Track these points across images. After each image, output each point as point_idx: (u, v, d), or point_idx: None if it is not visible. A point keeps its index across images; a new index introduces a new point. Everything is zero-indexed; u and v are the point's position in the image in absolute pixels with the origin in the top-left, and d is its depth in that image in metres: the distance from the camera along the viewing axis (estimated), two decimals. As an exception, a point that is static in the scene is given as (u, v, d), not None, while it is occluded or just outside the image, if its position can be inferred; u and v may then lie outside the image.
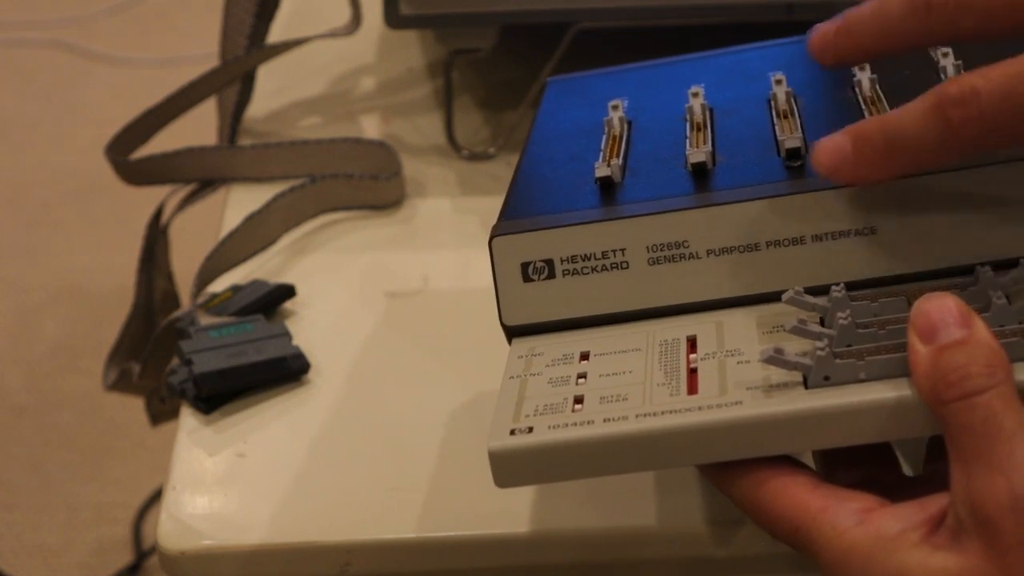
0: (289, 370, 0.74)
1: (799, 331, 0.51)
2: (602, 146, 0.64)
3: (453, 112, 0.96)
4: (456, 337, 0.78)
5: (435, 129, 0.97)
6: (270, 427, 0.72)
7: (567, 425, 0.51)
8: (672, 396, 0.51)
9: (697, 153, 0.59)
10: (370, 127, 0.99)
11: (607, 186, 0.60)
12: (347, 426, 0.72)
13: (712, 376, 0.52)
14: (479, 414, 0.73)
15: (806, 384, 0.50)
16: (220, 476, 0.70)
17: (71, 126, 2.52)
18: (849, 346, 0.50)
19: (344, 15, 1.01)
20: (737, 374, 0.52)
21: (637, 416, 0.51)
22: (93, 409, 1.88)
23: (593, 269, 0.57)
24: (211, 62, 0.99)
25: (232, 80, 0.97)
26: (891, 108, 0.59)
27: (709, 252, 0.56)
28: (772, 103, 0.64)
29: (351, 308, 0.81)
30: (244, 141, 0.97)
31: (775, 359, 0.50)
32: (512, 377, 0.56)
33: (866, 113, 0.61)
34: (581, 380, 0.54)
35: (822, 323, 0.53)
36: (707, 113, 0.65)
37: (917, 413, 0.49)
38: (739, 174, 0.59)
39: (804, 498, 0.49)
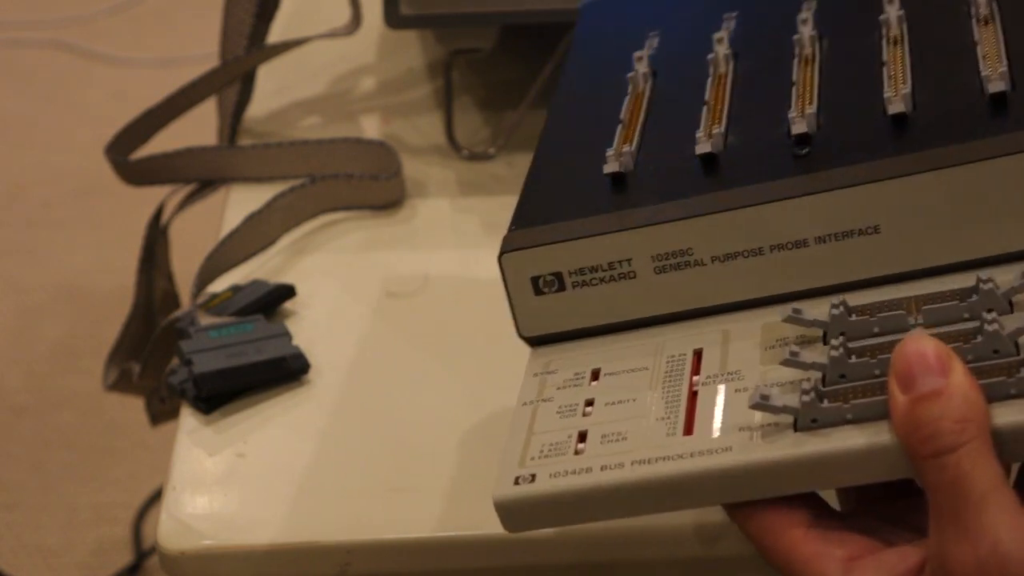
0: (289, 370, 0.74)
1: (791, 363, 0.51)
2: (621, 115, 0.64)
3: (453, 112, 0.96)
4: (456, 337, 0.78)
5: (435, 129, 0.97)
6: (270, 427, 0.72)
7: (567, 473, 0.52)
8: (669, 436, 0.52)
9: (705, 143, 0.59)
10: (370, 127, 0.99)
11: (617, 180, 0.60)
12: (347, 426, 0.72)
13: (709, 410, 0.52)
14: (479, 414, 0.73)
15: (796, 425, 0.50)
16: (220, 476, 0.70)
17: (71, 126, 2.52)
18: (843, 376, 0.51)
19: (344, 15, 1.01)
20: (733, 408, 0.52)
21: (632, 463, 0.51)
22: (93, 409, 1.88)
23: (601, 280, 0.58)
24: (211, 62, 0.99)
25: (232, 80, 0.97)
26: (913, 53, 0.59)
27: (714, 259, 0.56)
28: (796, 51, 0.63)
29: (351, 308, 0.81)
30: (244, 141, 0.97)
31: (762, 405, 0.50)
32: (525, 404, 0.57)
33: (886, 54, 0.60)
34: (588, 408, 0.55)
35: (825, 338, 0.53)
36: (728, 67, 0.64)
37: (902, 457, 0.49)
38: (745, 164, 0.58)
39: (796, 541, 0.50)
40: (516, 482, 0.53)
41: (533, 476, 0.52)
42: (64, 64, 2.75)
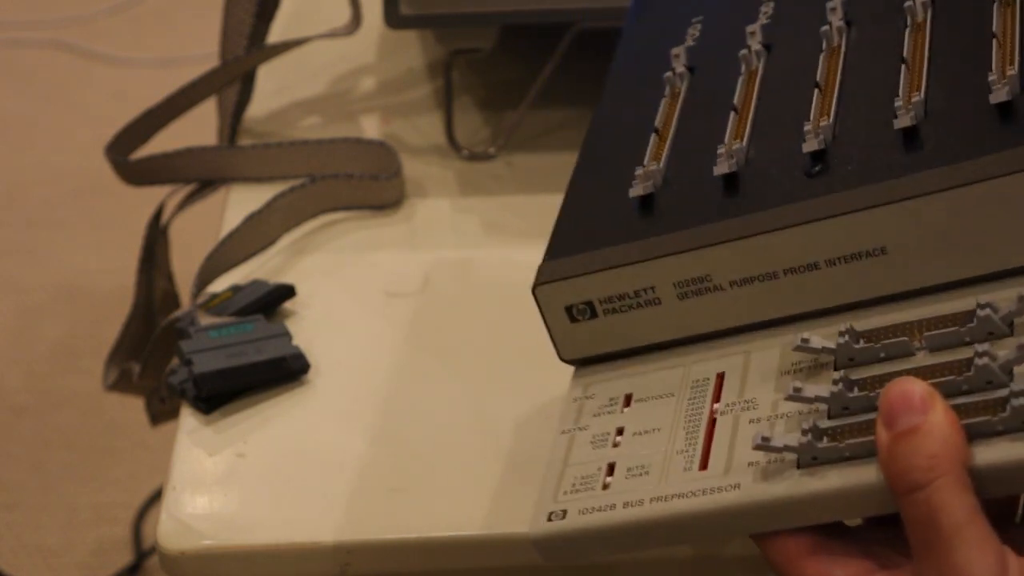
0: (289, 370, 0.74)
1: (795, 399, 0.53)
2: (656, 121, 0.66)
3: (453, 112, 0.96)
4: (456, 337, 0.78)
5: (435, 129, 0.97)
6: (270, 427, 0.72)
7: (593, 510, 0.55)
8: (686, 471, 0.55)
9: (724, 163, 0.61)
10: (370, 127, 0.99)
11: (644, 202, 0.63)
12: (347, 426, 0.72)
13: (724, 442, 0.55)
14: (479, 414, 0.73)
15: (798, 462, 0.53)
16: (220, 476, 0.70)
17: (71, 126, 2.52)
18: (845, 408, 0.53)
19: (344, 15, 1.01)
20: (745, 441, 0.55)
21: (651, 501, 0.55)
22: (93, 409, 1.88)
23: (629, 307, 0.60)
24: (211, 62, 0.99)
25: (232, 80, 0.97)
26: (933, 45, 0.60)
27: (732, 283, 0.59)
28: (823, 44, 0.64)
29: (351, 308, 0.81)
30: (244, 141, 0.97)
31: (763, 447, 0.53)
32: (564, 432, 0.60)
33: (906, 45, 0.61)
34: (618, 438, 0.58)
35: (836, 365, 0.55)
36: (760, 64, 0.66)
37: (889, 494, 0.51)
38: (761, 184, 0.60)
39: (801, 563, 0.52)
40: (550, 518, 0.56)
41: (564, 512, 0.56)
42: (64, 64, 2.75)
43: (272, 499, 0.68)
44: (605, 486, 0.56)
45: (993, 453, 0.49)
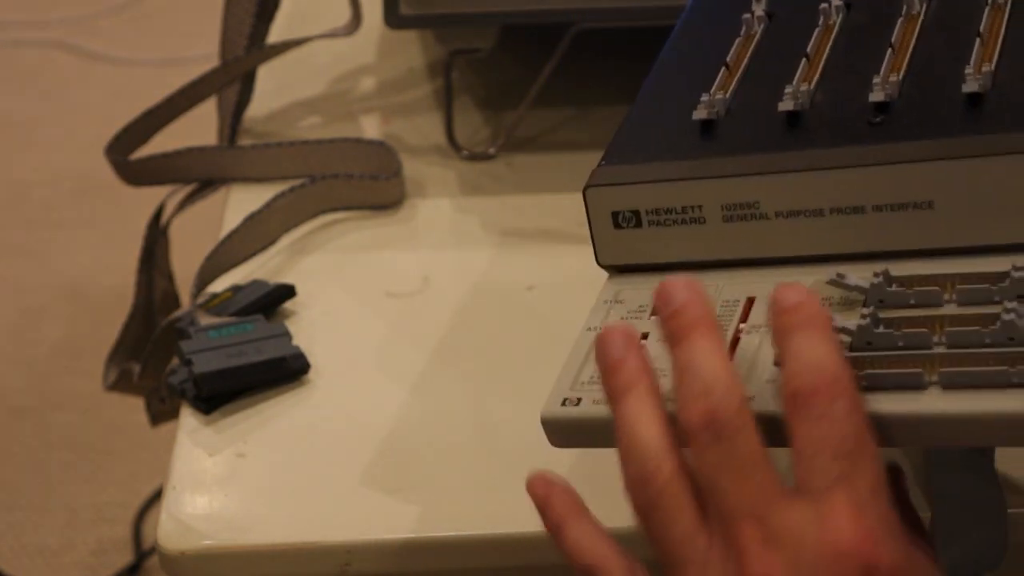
0: (289, 370, 0.74)
1: None
2: (728, 57, 0.67)
3: (453, 112, 0.96)
4: (456, 337, 0.78)
5: (435, 129, 0.97)
6: (270, 427, 0.72)
7: (603, 403, 0.56)
8: None
9: (789, 101, 0.62)
10: (370, 127, 0.99)
11: (705, 127, 0.64)
12: (347, 426, 0.72)
13: (746, 358, 0.56)
14: (479, 414, 0.73)
15: None
16: (220, 476, 0.70)
17: (71, 126, 2.52)
18: (868, 343, 0.54)
19: (344, 15, 1.01)
20: (766, 361, 0.56)
21: (666, 401, 0.54)
22: (93, 409, 1.88)
23: (674, 222, 0.62)
24: (211, 62, 0.99)
25: (232, 80, 0.97)
26: (1011, 23, 0.62)
27: (777, 214, 0.60)
28: (903, 9, 0.66)
29: (351, 308, 0.81)
30: (244, 141, 0.97)
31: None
32: (590, 329, 0.61)
33: (984, 22, 0.62)
34: (643, 342, 0.58)
35: (865, 303, 0.56)
36: (838, 19, 0.67)
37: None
38: (823, 125, 0.61)
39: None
40: (563, 403, 0.58)
41: (579, 400, 0.58)
42: (64, 64, 2.75)
43: (272, 499, 0.68)
44: None
45: (1008, 403, 0.50)
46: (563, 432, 0.58)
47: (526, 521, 0.65)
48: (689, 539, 0.50)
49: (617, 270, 0.64)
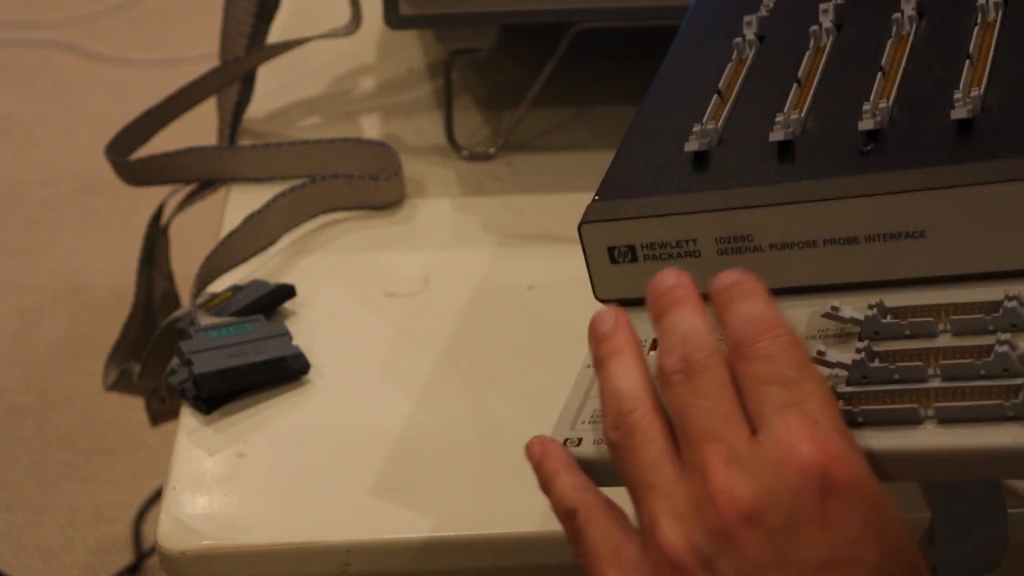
0: (289, 370, 0.74)
1: (819, 361, 0.55)
2: (720, 83, 0.67)
3: (453, 112, 0.96)
4: (456, 337, 0.78)
5: (435, 129, 0.97)
6: (270, 427, 0.72)
7: (603, 443, 0.57)
8: None
9: (780, 130, 0.62)
10: (370, 127, 0.99)
11: (698, 158, 0.64)
12: (347, 426, 0.72)
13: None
14: (479, 414, 0.73)
15: None
16: (220, 476, 0.70)
17: (71, 126, 2.52)
18: (864, 377, 0.54)
19: (344, 15, 1.01)
20: None
21: None
22: (93, 409, 1.88)
23: (670, 255, 0.62)
24: (211, 62, 0.99)
25: (232, 80, 0.97)
26: (1000, 44, 0.62)
27: (771, 246, 0.60)
28: (893, 30, 0.66)
29: (351, 308, 0.81)
30: (244, 141, 0.97)
31: None
32: (588, 366, 0.61)
33: (973, 42, 0.62)
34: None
35: (860, 335, 0.56)
36: (828, 41, 0.67)
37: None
38: (814, 155, 0.61)
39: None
40: (564, 443, 0.58)
41: (580, 440, 0.58)
42: (64, 64, 2.75)
43: (272, 499, 0.68)
44: None
45: (1003, 437, 0.50)
46: None
47: (526, 521, 0.65)
48: (658, 466, 0.52)
49: (615, 304, 0.64)
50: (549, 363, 0.63)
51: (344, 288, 0.83)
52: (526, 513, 0.66)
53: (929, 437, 0.51)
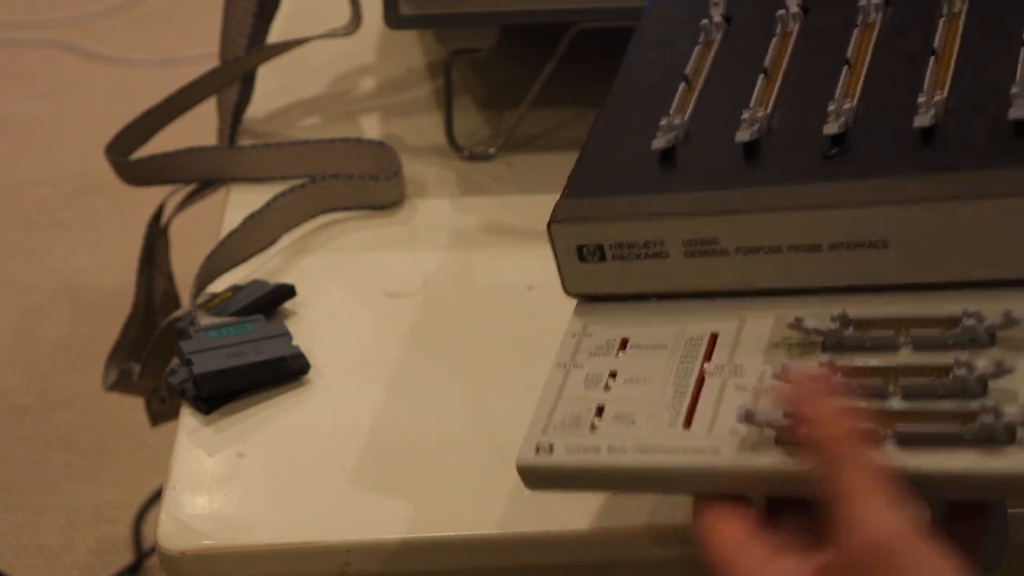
0: (289, 370, 0.74)
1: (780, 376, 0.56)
2: (687, 69, 0.67)
3: (453, 112, 0.96)
4: (455, 337, 0.78)
5: (435, 129, 0.97)
6: (270, 427, 0.72)
7: (580, 450, 0.59)
8: (670, 427, 0.58)
9: (745, 130, 0.63)
10: (370, 127, 0.99)
11: (665, 156, 0.64)
12: (347, 426, 0.72)
13: (709, 404, 0.58)
14: (478, 413, 0.73)
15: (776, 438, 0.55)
16: (220, 476, 0.70)
17: (71, 126, 2.52)
18: None
19: (344, 15, 1.01)
20: (729, 407, 0.57)
21: (635, 450, 0.58)
22: (93, 409, 1.88)
23: (637, 256, 0.63)
24: (211, 62, 0.99)
25: (232, 80, 0.97)
26: (965, 40, 0.62)
27: (737, 250, 0.61)
28: (859, 18, 0.66)
29: (351, 308, 0.81)
30: (244, 141, 0.97)
31: (748, 418, 0.55)
32: (559, 365, 0.62)
33: (938, 36, 0.62)
34: (611, 380, 0.61)
35: (823, 346, 0.57)
36: (795, 26, 0.67)
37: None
38: (779, 157, 0.62)
39: (734, 534, 0.54)
40: (537, 451, 0.59)
41: (552, 446, 0.59)
42: (64, 64, 2.75)
43: (272, 499, 0.68)
44: (593, 427, 0.59)
45: (958, 462, 0.52)
46: (539, 479, 0.60)
47: (526, 521, 0.65)
48: None
49: (584, 298, 0.65)
50: (549, 363, 0.63)
51: (344, 288, 0.83)
52: (526, 513, 0.66)
53: (888, 459, 0.52)
